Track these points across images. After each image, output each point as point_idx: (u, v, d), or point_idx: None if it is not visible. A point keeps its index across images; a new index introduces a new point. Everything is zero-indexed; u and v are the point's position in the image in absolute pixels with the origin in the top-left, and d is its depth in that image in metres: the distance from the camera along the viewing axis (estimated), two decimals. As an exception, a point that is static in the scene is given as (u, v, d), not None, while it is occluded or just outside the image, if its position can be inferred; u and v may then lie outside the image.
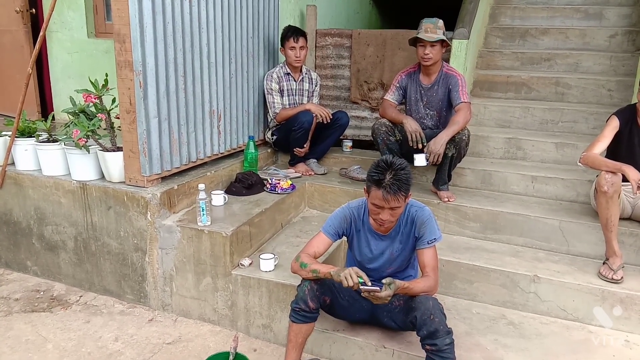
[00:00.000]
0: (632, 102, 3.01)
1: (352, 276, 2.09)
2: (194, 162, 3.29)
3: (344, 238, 2.48)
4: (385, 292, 2.06)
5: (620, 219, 2.81)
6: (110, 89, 2.96)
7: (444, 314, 2.15)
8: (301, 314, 2.27)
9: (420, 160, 3.18)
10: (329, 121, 3.80)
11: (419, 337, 2.13)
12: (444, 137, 3.12)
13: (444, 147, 3.12)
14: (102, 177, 3.09)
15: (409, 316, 2.21)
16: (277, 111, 3.87)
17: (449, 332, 2.09)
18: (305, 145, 3.88)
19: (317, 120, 3.78)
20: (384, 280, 2.10)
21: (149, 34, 2.74)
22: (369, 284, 2.11)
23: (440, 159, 3.14)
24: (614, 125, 2.91)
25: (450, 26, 3.72)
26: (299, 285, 2.32)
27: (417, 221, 2.28)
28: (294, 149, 3.87)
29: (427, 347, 2.10)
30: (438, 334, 2.06)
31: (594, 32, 4.78)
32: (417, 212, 2.30)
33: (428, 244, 2.25)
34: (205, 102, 3.30)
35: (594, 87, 4.35)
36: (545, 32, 4.91)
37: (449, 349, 2.07)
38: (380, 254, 2.36)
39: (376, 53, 4.31)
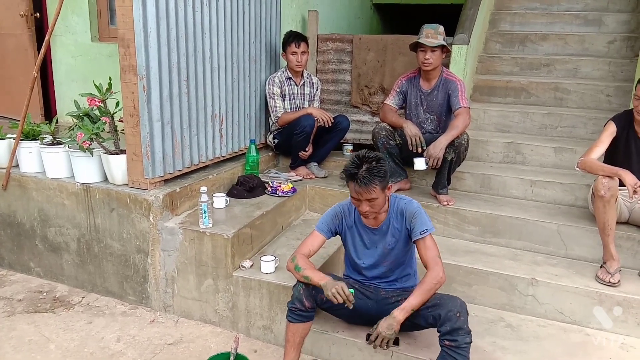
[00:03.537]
0: (630, 108, 3.04)
1: (339, 293, 2.16)
2: (196, 165, 3.32)
3: (341, 246, 2.51)
4: (378, 330, 2.14)
5: (617, 223, 2.84)
6: (114, 93, 3.00)
7: (468, 313, 2.19)
8: (297, 314, 2.31)
9: (420, 164, 3.22)
10: (330, 125, 3.83)
11: (439, 332, 2.16)
12: (443, 141, 3.15)
13: (444, 151, 3.15)
14: (106, 179, 3.12)
15: (430, 311, 2.22)
16: (279, 115, 3.91)
17: (470, 332, 2.14)
18: (308, 149, 3.92)
19: (319, 124, 3.82)
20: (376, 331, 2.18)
21: (153, 39, 2.78)
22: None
23: (439, 163, 3.17)
24: (610, 130, 2.94)
25: (450, 32, 3.75)
26: (294, 285, 2.36)
27: (406, 214, 2.33)
28: (299, 152, 3.90)
29: (446, 342, 2.12)
30: (460, 332, 2.10)
31: (593, 38, 4.82)
32: (405, 205, 2.35)
33: (421, 234, 2.27)
34: (207, 106, 3.33)
35: (592, 92, 4.39)
36: (545, 37, 4.95)
37: (467, 347, 2.12)
38: (374, 247, 2.41)
39: (377, 58, 4.34)
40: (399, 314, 2.16)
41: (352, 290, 2.17)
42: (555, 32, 5.01)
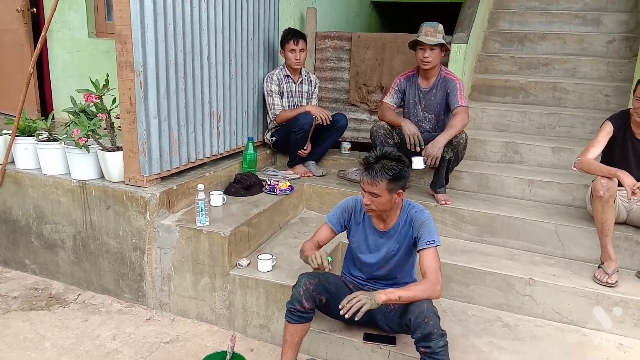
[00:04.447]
0: (627, 108, 3.04)
1: (316, 258, 2.28)
2: (194, 162, 3.30)
3: (339, 244, 2.51)
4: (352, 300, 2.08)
5: (615, 223, 2.83)
6: (111, 89, 2.98)
7: (438, 317, 2.16)
8: (296, 314, 2.29)
9: (418, 163, 3.21)
10: (328, 123, 3.82)
11: (413, 340, 2.15)
12: (441, 140, 3.14)
13: (442, 150, 3.14)
14: (102, 176, 3.10)
15: (403, 319, 2.23)
16: (277, 113, 3.90)
17: (443, 334, 2.10)
18: (306, 147, 3.91)
19: (317, 122, 3.80)
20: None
21: (150, 35, 2.75)
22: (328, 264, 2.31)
23: (437, 162, 3.16)
24: (607, 130, 2.94)
25: (449, 31, 3.74)
26: (294, 286, 2.34)
27: (415, 222, 2.31)
28: (298, 150, 3.89)
29: (421, 349, 2.11)
30: (432, 337, 2.07)
31: (591, 38, 4.82)
32: (416, 214, 2.33)
33: (427, 244, 2.24)
34: (205, 103, 3.32)
35: (591, 92, 4.39)
36: (544, 37, 4.94)
37: (442, 351, 2.08)
38: (377, 251, 2.40)
39: (375, 56, 4.33)
40: (381, 294, 2.12)
41: (330, 258, 2.31)
42: (554, 31, 5.01)
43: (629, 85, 4.17)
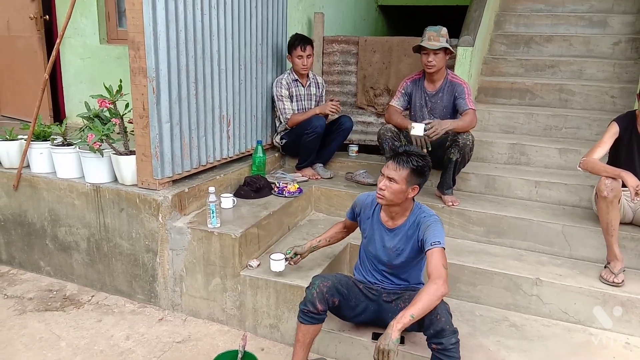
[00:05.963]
0: (633, 109, 3.06)
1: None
2: (204, 165, 3.36)
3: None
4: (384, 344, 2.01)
5: (621, 223, 2.86)
6: (124, 95, 3.04)
7: (450, 314, 2.18)
8: (309, 316, 2.33)
9: (418, 129, 3.17)
10: (339, 111, 3.90)
11: (426, 337, 2.17)
12: (449, 122, 3.18)
13: (444, 131, 3.14)
14: (115, 179, 3.16)
15: None
16: (289, 117, 3.94)
17: (455, 331, 2.13)
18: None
19: (332, 114, 3.87)
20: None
21: (163, 42, 2.82)
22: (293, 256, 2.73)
23: (435, 138, 3.14)
24: (613, 131, 2.96)
25: (455, 34, 3.77)
26: (307, 288, 2.38)
27: (421, 225, 2.34)
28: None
29: (433, 346, 2.13)
30: (444, 333, 2.10)
31: (597, 40, 4.84)
32: (424, 218, 2.36)
33: (432, 245, 2.23)
34: (215, 108, 3.37)
35: (597, 93, 4.40)
36: (550, 39, 4.97)
37: (454, 348, 2.11)
38: (383, 245, 2.45)
39: (382, 60, 4.37)
40: (394, 329, 2.02)
41: (289, 252, 2.75)
42: (560, 33, 5.03)
43: (635, 87, 4.19)
